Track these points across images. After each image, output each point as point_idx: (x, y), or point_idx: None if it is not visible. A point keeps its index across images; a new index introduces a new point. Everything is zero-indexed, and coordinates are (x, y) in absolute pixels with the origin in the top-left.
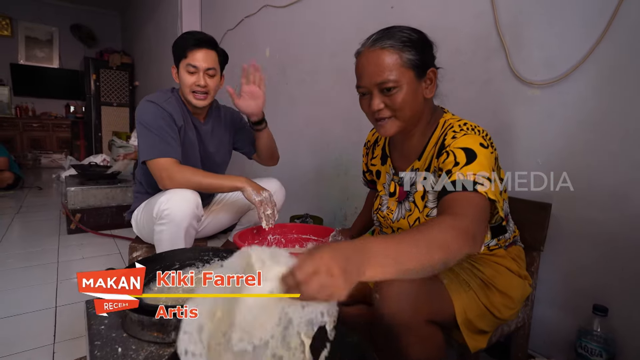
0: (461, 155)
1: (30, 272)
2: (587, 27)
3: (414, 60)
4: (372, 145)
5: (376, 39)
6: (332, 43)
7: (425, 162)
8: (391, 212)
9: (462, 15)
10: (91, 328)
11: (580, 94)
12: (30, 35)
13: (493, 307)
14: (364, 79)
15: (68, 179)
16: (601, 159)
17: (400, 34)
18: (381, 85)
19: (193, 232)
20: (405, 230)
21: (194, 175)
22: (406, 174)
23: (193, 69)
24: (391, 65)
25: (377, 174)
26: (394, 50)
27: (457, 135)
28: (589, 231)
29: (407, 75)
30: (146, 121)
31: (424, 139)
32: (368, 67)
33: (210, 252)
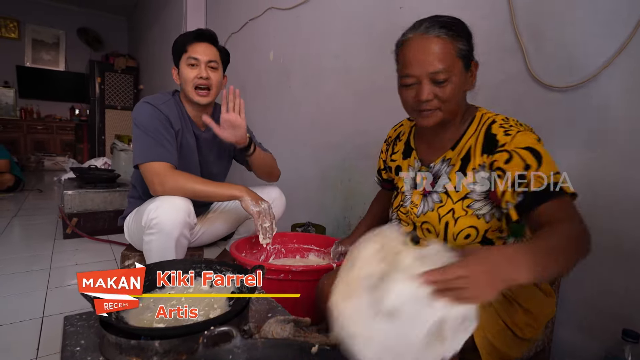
0: (529, 157)
1: (20, 278)
2: (614, 26)
3: (464, 51)
4: (394, 141)
5: (429, 26)
6: (337, 45)
7: (460, 152)
8: (415, 206)
9: (475, 13)
10: (65, 350)
11: (605, 97)
12: (37, 38)
13: (515, 326)
14: (414, 67)
15: (66, 182)
16: (629, 167)
17: (451, 23)
18: (434, 76)
19: (185, 242)
20: (535, 240)
21: (188, 182)
22: (435, 164)
23: (194, 61)
24: (446, 55)
25: (397, 169)
26: (448, 39)
27: (511, 132)
28: (617, 245)
29: (458, 66)
30: (141, 122)
31: (458, 130)
32: (420, 55)
33: (202, 264)
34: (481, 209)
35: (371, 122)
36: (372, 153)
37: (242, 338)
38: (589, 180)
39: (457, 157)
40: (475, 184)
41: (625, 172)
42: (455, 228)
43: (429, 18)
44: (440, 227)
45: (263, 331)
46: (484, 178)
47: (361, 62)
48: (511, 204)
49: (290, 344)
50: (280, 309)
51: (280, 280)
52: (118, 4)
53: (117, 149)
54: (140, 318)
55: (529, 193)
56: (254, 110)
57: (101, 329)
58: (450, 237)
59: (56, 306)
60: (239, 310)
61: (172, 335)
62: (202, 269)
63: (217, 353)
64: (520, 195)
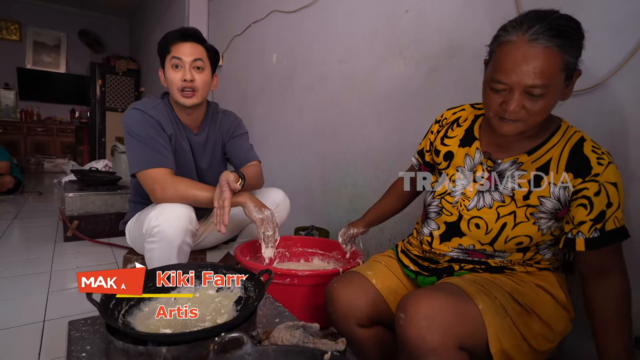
0: (614, 195)
1: (20, 282)
2: (624, 31)
3: (570, 63)
4: (450, 124)
5: (538, 32)
6: (341, 49)
7: (537, 159)
8: (467, 198)
9: (483, 18)
10: (71, 355)
11: (615, 102)
12: (38, 40)
13: (531, 337)
14: (510, 75)
15: (67, 185)
16: (637, 171)
17: (563, 26)
18: (529, 89)
19: (187, 248)
20: (608, 318)
21: (189, 189)
22: (504, 163)
23: (178, 61)
24: (550, 69)
25: (448, 155)
26: (557, 51)
27: (603, 162)
28: (631, 252)
29: (559, 80)
30: (133, 130)
31: (537, 137)
32: (519, 66)
33: (208, 268)
34: (544, 222)
35: (375, 127)
36: (376, 158)
37: (253, 344)
38: None
39: (532, 164)
40: (549, 199)
41: (635, 178)
42: (513, 232)
43: (539, 17)
44: (496, 225)
45: (272, 337)
46: (561, 197)
47: (366, 66)
48: (583, 236)
49: (302, 350)
50: (287, 314)
51: (287, 285)
52: (120, 6)
53: (118, 152)
54: (146, 323)
55: (604, 232)
56: (257, 113)
57: (108, 334)
58: (502, 239)
59: (57, 310)
60: (247, 316)
61: (180, 342)
62: None
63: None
64: (596, 231)
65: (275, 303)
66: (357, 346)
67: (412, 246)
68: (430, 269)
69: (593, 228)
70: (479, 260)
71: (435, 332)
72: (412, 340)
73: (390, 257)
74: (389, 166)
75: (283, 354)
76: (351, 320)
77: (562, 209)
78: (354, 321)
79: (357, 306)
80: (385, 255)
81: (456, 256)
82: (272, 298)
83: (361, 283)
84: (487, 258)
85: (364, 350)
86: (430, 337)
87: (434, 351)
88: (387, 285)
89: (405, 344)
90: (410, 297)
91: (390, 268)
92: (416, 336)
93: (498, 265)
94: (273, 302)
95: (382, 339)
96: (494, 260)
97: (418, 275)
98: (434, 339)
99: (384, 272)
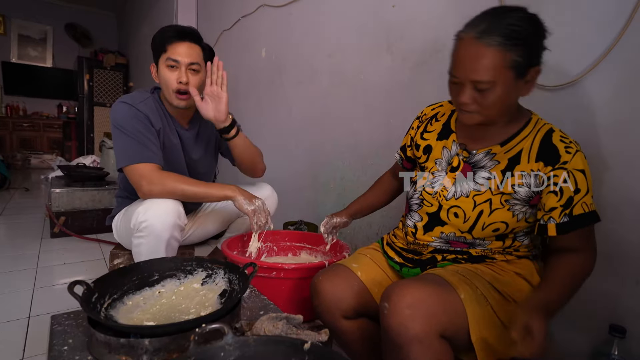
0: (582, 181)
1: (6, 278)
2: (604, 26)
3: (518, 61)
4: (429, 119)
5: (484, 30)
6: (330, 43)
7: (509, 150)
8: (445, 188)
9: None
10: (52, 349)
11: (595, 97)
12: (23, 34)
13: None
14: (459, 70)
15: (54, 180)
16: (619, 168)
17: (511, 26)
18: (476, 84)
19: (175, 243)
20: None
21: (177, 184)
22: (478, 153)
23: (174, 62)
24: (492, 66)
25: (427, 148)
26: (500, 50)
27: (571, 150)
28: (606, 245)
29: (506, 76)
30: (120, 124)
31: (508, 129)
32: (466, 61)
33: (193, 262)
34: (518, 209)
35: (363, 121)
36: (364, 152)
37: (234, 335)
38: None
39: (505, 155)
40: (522, 187)
41: (612, 173)
42: (489, 219)
43: (493, 16)
44: (473, 214)
45: (255, 328)
46: (533, 184)
47: (354, 60)
48: (554, 221)
49: (282, 340)
50: (272, 307)
51: (272, 278)
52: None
53: (106, 147)
54: (129, 317)
55: (573, 217)
56: (246, 108)
57: (89, 327)
58: (479, 226)
59: (43, 306)
60: (231, 308)
61: (162, 334)
62: (193, 267)
63: (209, 350)
64: (566, 217)
65: (261, 296)
66: (342, 338)
67: (397, 238)
68: (414, 260)
69: (563, 213)
70: (460, 250)
71: (418, 320)
72: (395, 329)
73: (376, 250)
74: (376, 160)
75: (263, 344)
76: (336, 312)
77: (534, 197)
78: (339, 313)
79: (342, 298)
80: (370, 248)
81: (439, 246)
82: (257, 291)
83: (346, 275)
84: (469, 247)
85: (349, 342)
86: (412, 325)
87: (417, 338)
88: (372, 278)
89: (389, 332)
90: (394, 287)
91: (375, 261)
92: (399, 324)
93: (479, 254)
94: (258, 295)
95: (367, 330)
96: (475, 249)
97: (402, 267)
98: (417, 327)
99: (369, 265)
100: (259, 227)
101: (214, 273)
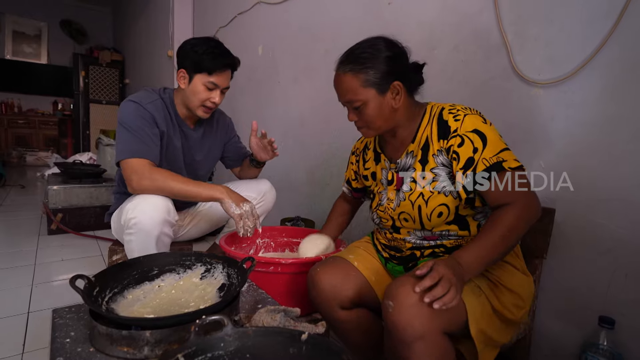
0: (476, 140)
1: (4, 274)
2: (595, 24)
3: (372, 80)
4: (363, 151)
5: (340, 62)
6: (326, 41)
7: (419, 142)
8: (391, 201)
9: (462, 11)
10: (55, 341)
11: (585, 93)
12: (17, 30)
13: (504, 308)
14: (338, 97)
15: (51, 177)
16: (608, 163)
17: (362, 55)
18: (348, 105)
19: (167, 239)
20: (481, 239)
21: (166, 181)
22: (401, 159)
23: (213, 86)
24: (351, 88)
25: (373, 175)
26: (352, 74)
27: (459, 117)
28: (594, 237)
29: (368, 93)
30: (124, 121)
31: (413, 126)
32: (336, 88)
33: (192, 256)
34: (446, 187)
35: None
36: None
37: (234, 326)
38: (570, 175)
39: (418, 147)
40: (438, 167)
41: (604, 168)
42: (427, 209)
43: (346, 52)
44: (415, 212)
45: (253, 321)
46: (444, 161)
47: None
48: (460, 185)
49: (281, 331)
50: (270, 300)
51: (270, 272)
52: None
53: (102, 144)
54: (130, 310)
55: (474, 175)
56: (244, 105)
57: (92, 320)
58: (425, 219)
59: (42, 302)
60: (230, 301)
61: (163, 326)
62: (192, 262)
63: (209, 341)
64: (468, 176)
65: (259, 290)
66: (340, 329)
67: (380, 234)
68: (397, 257)
69: (464, 175)
70: (435, 244)
71: (423, 318)
72: (400, 327)
73: (368, 243)
74: None
75: (262, 334)
76: (334, 303)
77: (452, 173)
78: (337, 304)
79: (340, 289)
80: (363, 241)
81: (414, 242)
82: (255, 286)
83: (344, 266)
84: (440, 239)
85: (346, 333)
86: (418, 323)
87: (422, 336)
88: (369, 267)
89: (394, 330)
90: (398, 286)
91: (369, 252)
92: (405, 323)
93: (454, 245)
94: (256, 289)
95: (364, 320)
96: (449, 241)
97: (388, 262)
98: (423, 325)
99: (364, 256)
100: (245, 231)
101: (212, 267)
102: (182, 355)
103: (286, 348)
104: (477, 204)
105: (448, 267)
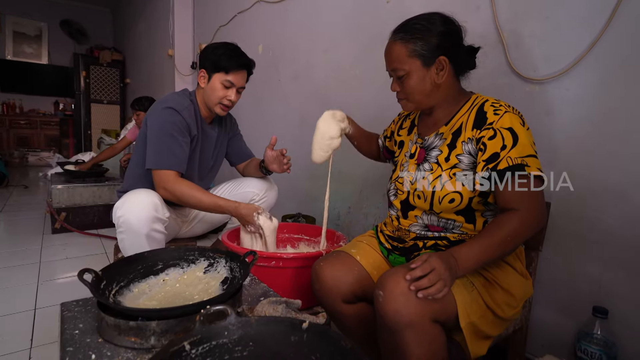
0: (508, 137)
1: (10, 272)
2: (589, 21)
3: (419, 51)
4: (405, 117)
5: (394, 31)
6: (326, 39)
7: (452, 127)
8: (410, 174)
9: (459, 9)
10: (64, 333)
11: (580, 89)
12: (18, 31)
13: (496, 306)
14: (386, 65)
15: (54, 177)
16: (601, 157)
17: (415, 26)
18: (393, 73)
19: (159, 236)
20: (482, 237)
21: (191, 191)
22: (429, 137)
23: (229, 84)
24: (397, 56)
25: (401, 144)
26: (402, 43)
27: (499, 112)
28: (589, 231)
29: (413, 64)
30: (161, 128)
31: (451, 110)
32: (385, 56)
33: (196, 251)
34: (467, 177)
35: (359, 116)
36: None
37: (237, 316)
38: (566, 170)
39: (449, 131)
40: (463, 155)
41: (598, 162)
42: (441, 192)
43: (402, 22)
44: (429, 192)
45: (256, 312)
46: (471, 149)
47: (349, 56)
48: (479, 177)
49: (282, 320)
50: (272, 293)
51: (272, 267)
52: None
53: (104, 144)
54: (136, 303)
55: (494, 171)
56: (244, 103)
57: (100, 311)
58: (436, 201)
59: (48, 299)
60: (233, 293)
61: (169, 316)
62: (196, 257)
63: (213, 329)
64: (487, 171)
65: (261, 284)
66: (342, 322)
67: (386, 226)
68: (400, 248)
69: (485, 167)
70: (439, 235)
71: (411, 306)
72: (390, 315)
73: (371, 237)
74: None
75: (264, 323)
76: (337, 296)
77: (475, 162)
78: (339, 297)
79: (342, 282)
80: (366, 236)
81: (419, 232)
82: (257, 279)
83: (347, 260)
84: (445, 232)
85: (348, 326)
86: (407, 311)
87: (411, 324)
88: (371, 262)
89: (384, 318)
90: (388, 275)
91: (372, 246)
92: (394, 311)
93: (457, 239)
94: (258, 283)
95: (366, 315)
96: (453, 234)
97: (390, 254)
98: (411, 313)
99: (366, 250)
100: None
101: (215, 262)
102: (188, 342)
103: (287, 336)
104: (490, 199)
105: (442, 260)
